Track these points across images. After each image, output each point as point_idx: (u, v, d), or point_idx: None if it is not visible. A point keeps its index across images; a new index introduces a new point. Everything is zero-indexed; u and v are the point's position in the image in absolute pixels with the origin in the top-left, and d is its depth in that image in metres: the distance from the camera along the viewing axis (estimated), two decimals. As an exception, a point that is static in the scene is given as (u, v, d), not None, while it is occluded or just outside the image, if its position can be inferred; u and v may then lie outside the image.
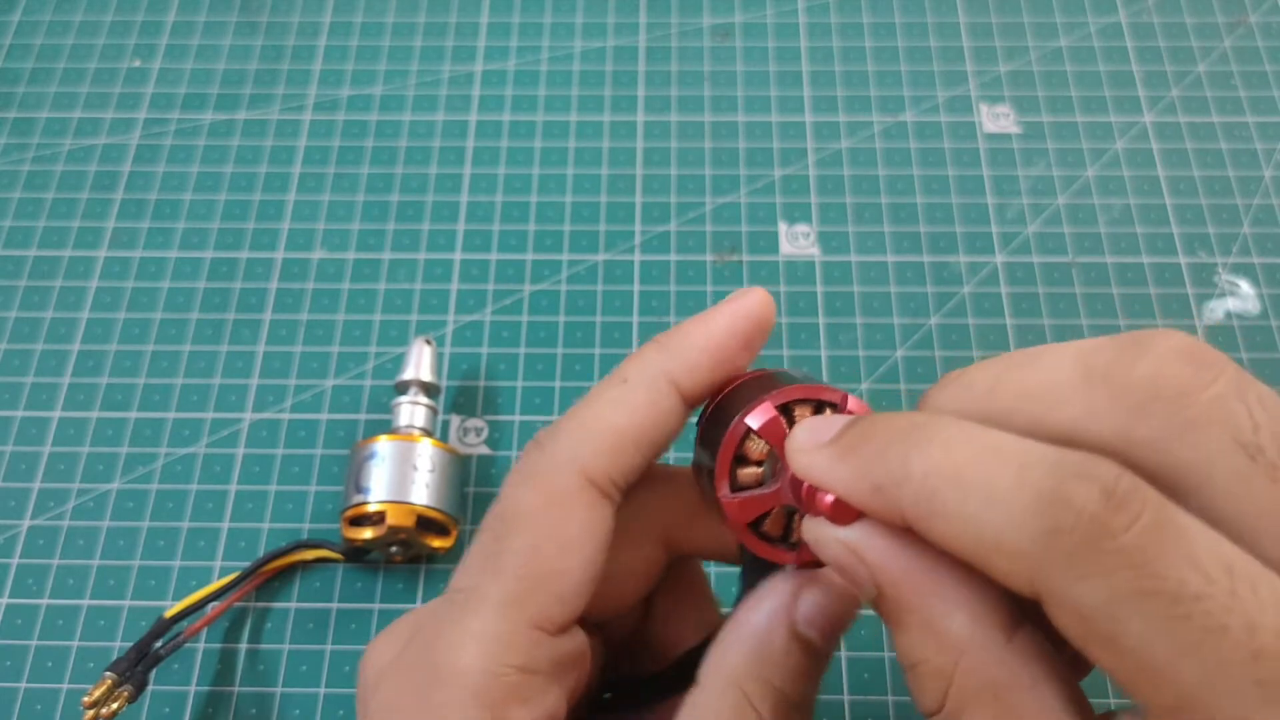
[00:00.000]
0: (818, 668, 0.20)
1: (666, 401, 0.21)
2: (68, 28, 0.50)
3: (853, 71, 0.48)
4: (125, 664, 0.32)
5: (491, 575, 0.20)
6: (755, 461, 0.19)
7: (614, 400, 0.21)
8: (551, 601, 0.20)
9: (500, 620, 0.19)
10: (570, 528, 0.20)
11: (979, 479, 0.15)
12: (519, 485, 0.21)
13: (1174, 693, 0.14)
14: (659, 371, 0.21)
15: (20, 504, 0.38)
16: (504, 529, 0.20)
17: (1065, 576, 0.14)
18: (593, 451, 0.20)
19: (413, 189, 0.45)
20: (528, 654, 0.19)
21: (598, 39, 0.49)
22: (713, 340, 0.21)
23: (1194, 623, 0.13)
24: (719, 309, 0.21)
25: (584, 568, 0.20)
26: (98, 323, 0.42)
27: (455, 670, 0.19)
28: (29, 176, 0.46)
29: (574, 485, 0.20)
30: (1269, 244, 0.43)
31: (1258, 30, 0.49)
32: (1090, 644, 0.14)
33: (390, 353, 0.41)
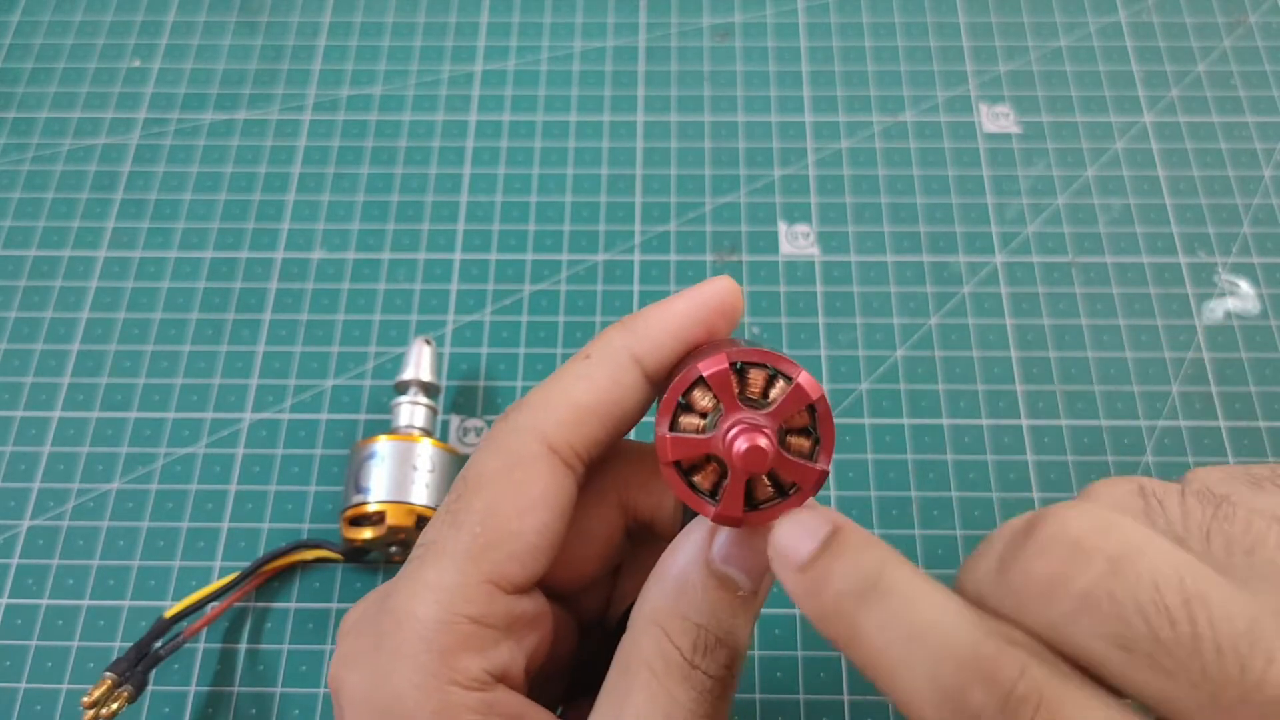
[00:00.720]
0: (742, 604, 0.21)
1: (628, 377, 0.22)
2: (68, 28, 0.50)
3: (852, 71, 0.48)
4: (125, 664, 0.32)
5: (450, 530, 0.21)
6: (700, 412, 0.20)
7: (577, 375, 0.22)
8: (506, 559, 0.20)
9: (455, 572, 0.20)
10: (530, 490, 0.21)
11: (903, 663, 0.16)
12: (483, 450, 0.22)
13: None
14: (620, 348, 0.22)
15: (20, 504, 0.38)
16: (465, 489, 0.21)
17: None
18: (554, 421, 0.21)
19: (413, 189, 0.45)
20: (482, 607, 0.20)
21: (598, 39, 0.49)
22: (674, 322, 0.22)
23: None
24: (683, 293, 0.22)
25: (540, 531, 0.21)
26: (98, 323, 0.42)
27: (409, 616, 0.20)
28: (29, 176, 0.46)
29: (534, 451, 0.21)
30: (1269, 244, 0.43)
31: (1257, 30, 0.49)
32: None
33: (390, 353, 0.41)
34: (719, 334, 0.22)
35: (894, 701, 0.16)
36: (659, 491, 0.24)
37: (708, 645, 0.20)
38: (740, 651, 0.21)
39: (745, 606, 0.21)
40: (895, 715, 0.34)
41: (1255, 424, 0.39)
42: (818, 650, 0.35)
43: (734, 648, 0.20)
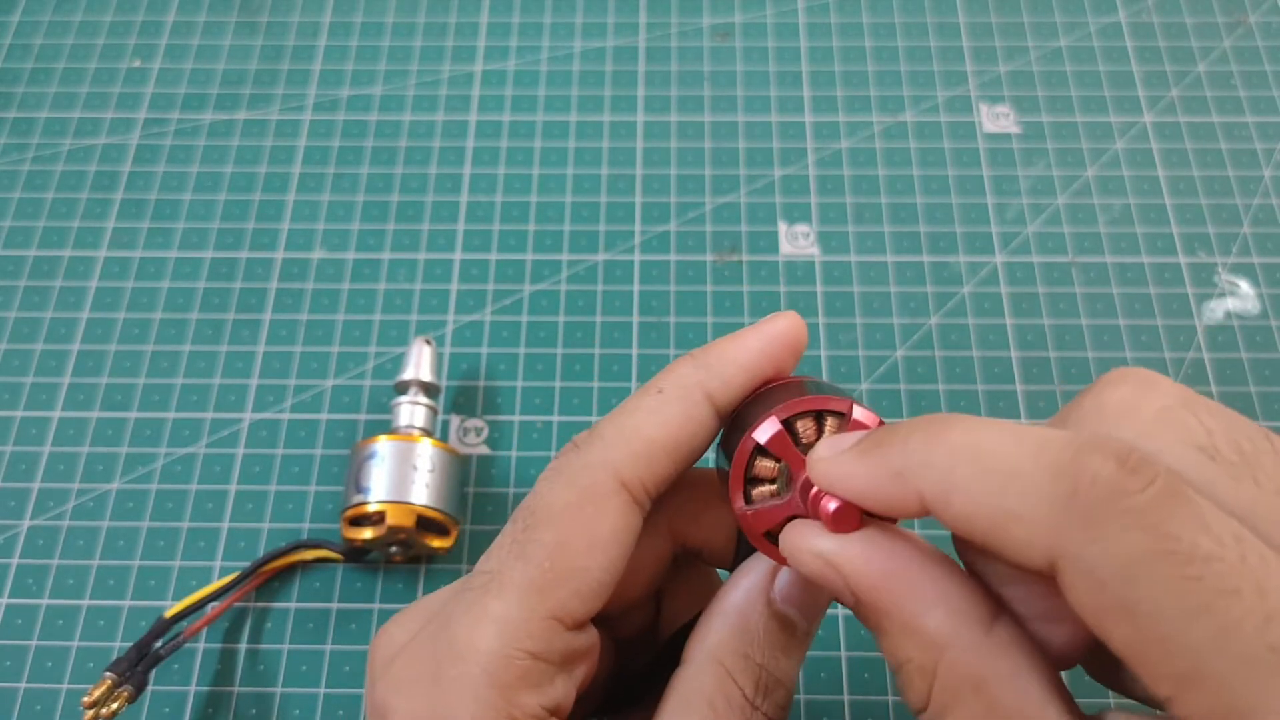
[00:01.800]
0: (798, 644, 0.21)
1: (700, 413, 0.21)
2: (68, 28, 0.50)
3: (852, 71, 0.48)
4: (125, 664, 0.32)
5: (517, 562, 0.20)
6: (768, 478, 0.20)
7: (650, 410, 0.21)
8: (572, 596, 0.20)
9: (520, 606, 0.20)
10: (600, 527, 0.20)
11: (999, 456, 0.16)
12: (553, 481, 0.21)
13: (1186, 660, 0.14)
14: (694, 384, 0.22)
15: (20, 504, 0.38)
16: (534, 520, 0.21)
17: (1082, 539, 0.15)
18: (628, 456, 0.21)
19: (413, 189, 0.45)
20: (543, 642, 0.20)
21: (598, 39, 0.49)
22: (746, 357, 0.22)
23: (1206, 584, 0.14)
24: (754, 329, 0.22)
25: (607, 568, 0.21)
26: (98, 323, 0.42)
27: (470, 648, 0.19)
28: (29, 176, 0.46)
29: (608, 487, 0.21)
30: (1269, 244, 0.43)
31: (1257, 30, 0.49)
32: (1103, 614, 0.15)
33: (390, 353, 0.41)
34: (785, 370, 0.22)
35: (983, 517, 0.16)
36: (710, 524, 0.24)
37: (768, 686, 0.20)
38: (792, 694, 0.21)
39: (800, 647, 0.21)
40: (895, 715, 0.34)
41: (1255, 424, 0.39)
42: (818, 650, 0.35)
43: (789, 689, 0.20)
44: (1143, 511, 0.14)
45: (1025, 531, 0.15)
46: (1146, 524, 0.14)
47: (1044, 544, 0.15)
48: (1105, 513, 0.15)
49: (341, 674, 0.35)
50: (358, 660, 0.35)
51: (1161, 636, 0.14)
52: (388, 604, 0.36)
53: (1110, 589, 0.14)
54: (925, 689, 0.17)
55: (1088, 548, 0.15)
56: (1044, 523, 0.15)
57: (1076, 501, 0.15)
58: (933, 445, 0.17)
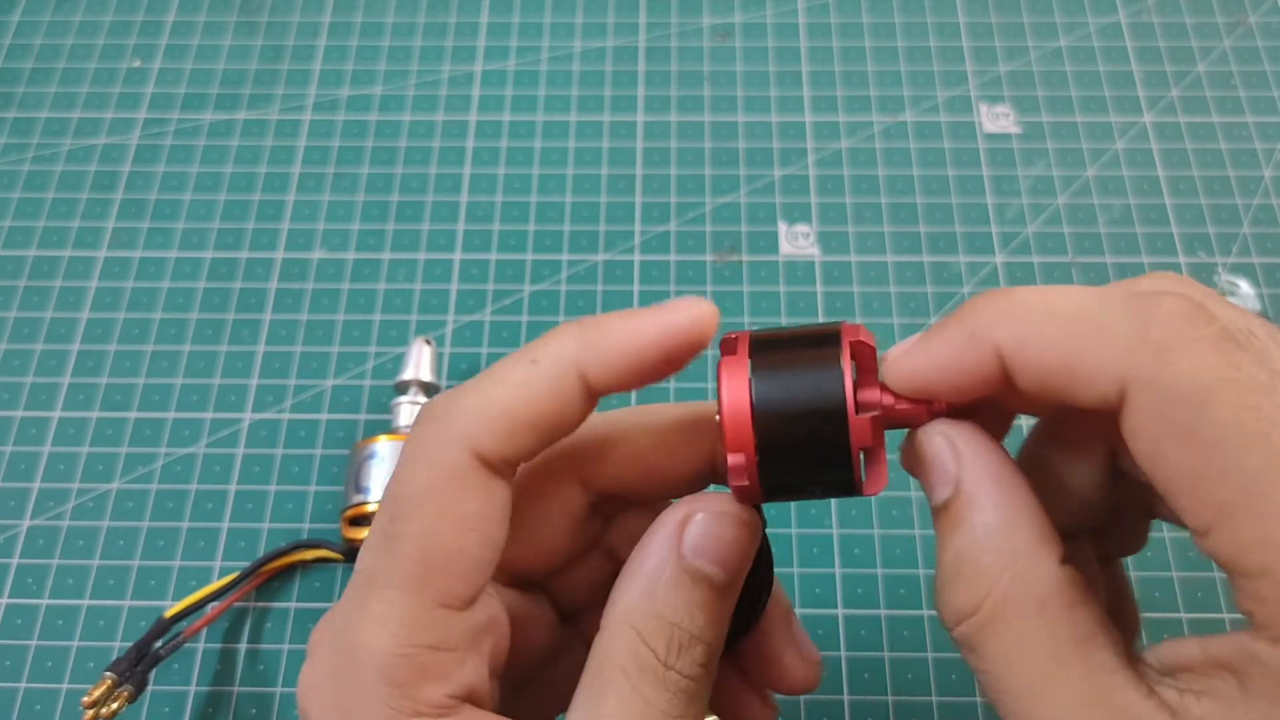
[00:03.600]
0: (717, 597, 0.20)
1: (571, 393, 0.20)
2: (68, 28, 0.50)
3: (852, 71, 0.48)
4: (125, 664, 0.32)
5: (390, 557, 0.20)
6: None
7: (518, 383, 0.20)
8: (453, 580, 0.20)
9: (404, 603, 0.19)
10: (465, 507, 0.20)
11: (1070, 301, 0.17)
12: (413, 463, 0.20)
13: (1235, 485, 0.15)
14: (570, 360, 0.20)
15: (20, 504, 0.38)
16: (399, 509, 0.20)
17: (1154, 363, 0.16)
18: (487, 432, 0.20)
19: (413, 189, 0.45)
20: (437, 633, 0.19)
21: (598, 39, 0.49)
22: (636, 345, 0.20)
23: (1263, 414, 0.15)
24: (652, 313, 0.20)
25: (482, 544, 0.20)
26: (98, 323, 0.42)
27: (364, 651, 0.19)
28: (29, 176, 0.46)
29: (466, 465, 0.20)
30: (1269, 244, 0.43)
31: (1257, 30, 0.49)
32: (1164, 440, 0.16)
33: (390, 353, 0.41)
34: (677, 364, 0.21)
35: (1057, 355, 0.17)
36: (619, 462, 0.23)
37: (682, 644, 0.20)
38: (716, 647, 0.20)
39: (720, 599, 0.20)
40: (895, 715, 0.34)
41: (1255, 424, 0.39)
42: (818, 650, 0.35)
43: (709, 644, 0.20)
44: (1211, 341, 0.16)
45: (1099, 361, 0.17)
46: (1214, 357, 0.16)
47: (1116, 370, 0.16)
48: (1176, 346, 0.16)
49: (341, 674, 0.35)
50: (358, 660, 0.35)
51: (1215, 462, 0.15)
52: (388, 604, 0.36)
53: (1176, 412, 0.16)
54: (979, 594, 0.18)
55: (1160, 371, 0.16)
56: (1117, 351, 0.16)
57: (1149, 330, 0.16)
58: (1004, 303, 0.18)
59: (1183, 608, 0.36)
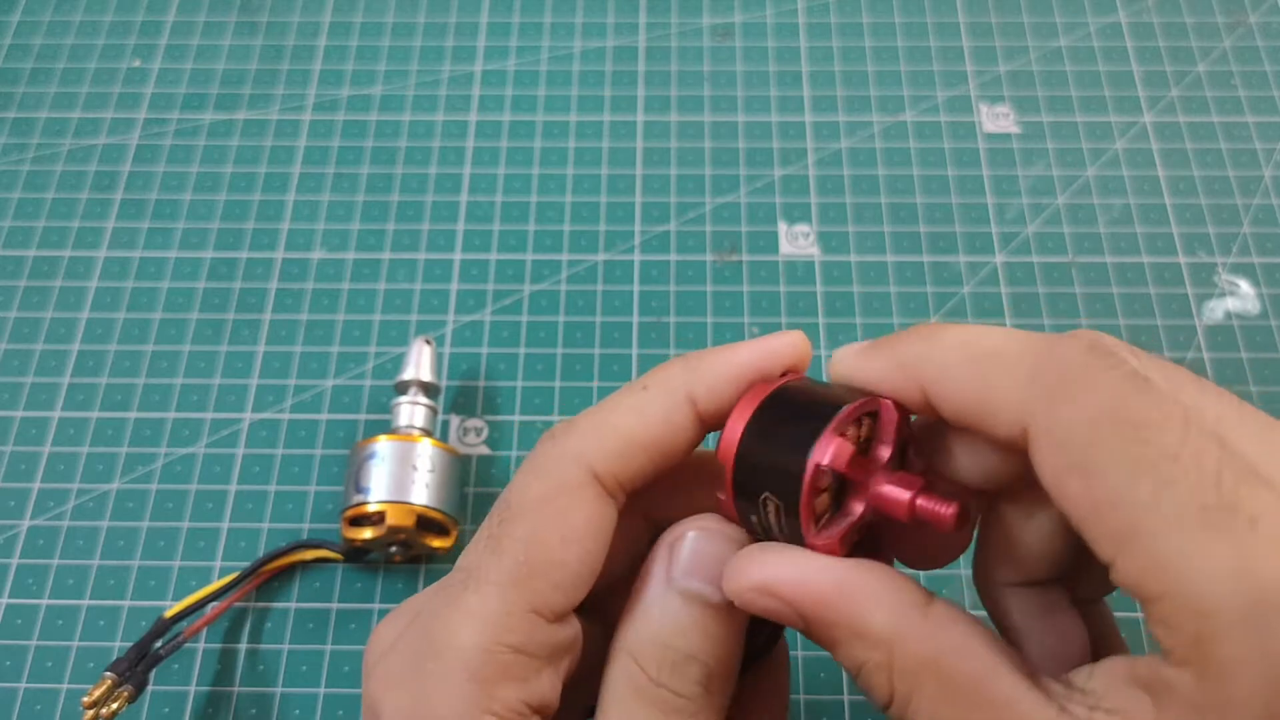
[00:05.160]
0: (714, 615, 0.20)
1: (681, 416, 0.21)
2: (68, 28, 0.50)
3: (852, 71, 0.48)
4: (125, 664, 0.32)
5: (493, 557, 0.20)
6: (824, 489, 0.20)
7: (630, 406, 0.21)
8: (549, 588, 0.20)
9: (499, 601, 0.20)
10: (573, 520, 0.20)
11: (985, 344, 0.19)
12: (527, 474, 0.21)
13: (1128, 516, 0.16)
14: (679, 385, 0.21)
15: (20, 504, 0.38)
16: (509, 514, 0.21)
17: (1048, 405, 0.17)
18: (602, 451, 0.21)
19: (413, 189, 0.45)
20: (524, 636, 0.20)
21: (598, 39, 0.49)
22: (737, 369, 0.21)
23: (1151, 448, 0.16)
24: (752, 342, 0.22)
25: (583, 559, 0.21)
26: (98, 323, 0.42)
27: (451, 645, 0.19)
28: (29, 176, 0.46)
29: (580, 479, 0.21)
30: (1269, 244, 0.43)
31: (1257, 30, 0.49)
32: (1062, 473, 0.17)
33: (390, 353, 0.41)
34: None
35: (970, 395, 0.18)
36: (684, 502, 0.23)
37: (674, 663, 0.20)
38: (718, 666, 0.20)
39: (717, 617, 0.20)
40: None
41: (1255, 424, 0.39)
42: (818, 650, 0.35)
43: (706, 663, 0.20)
44: (1104, 386, 0.17)
45: (1001, 401, 0.18)
46: (1107, 396, 0.16)
47: (1016, 411, 0.17)
48: (1071, 383, 0.17)
49: (341, 674, 0.35)
50: (358, 660, 0.35)
51: (1109, 493, 0.16)
52: (388, 604, 0.36)
53: (1070, 449, 0.17)
54: (886, 683, 0.18)
55: (1053, 411, 0.17)
56: (1017, 393, 0.18)
57: (1047, 374, 0.17)
58: (931, 341, 0.19)
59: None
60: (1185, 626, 0.15)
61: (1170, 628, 0.15)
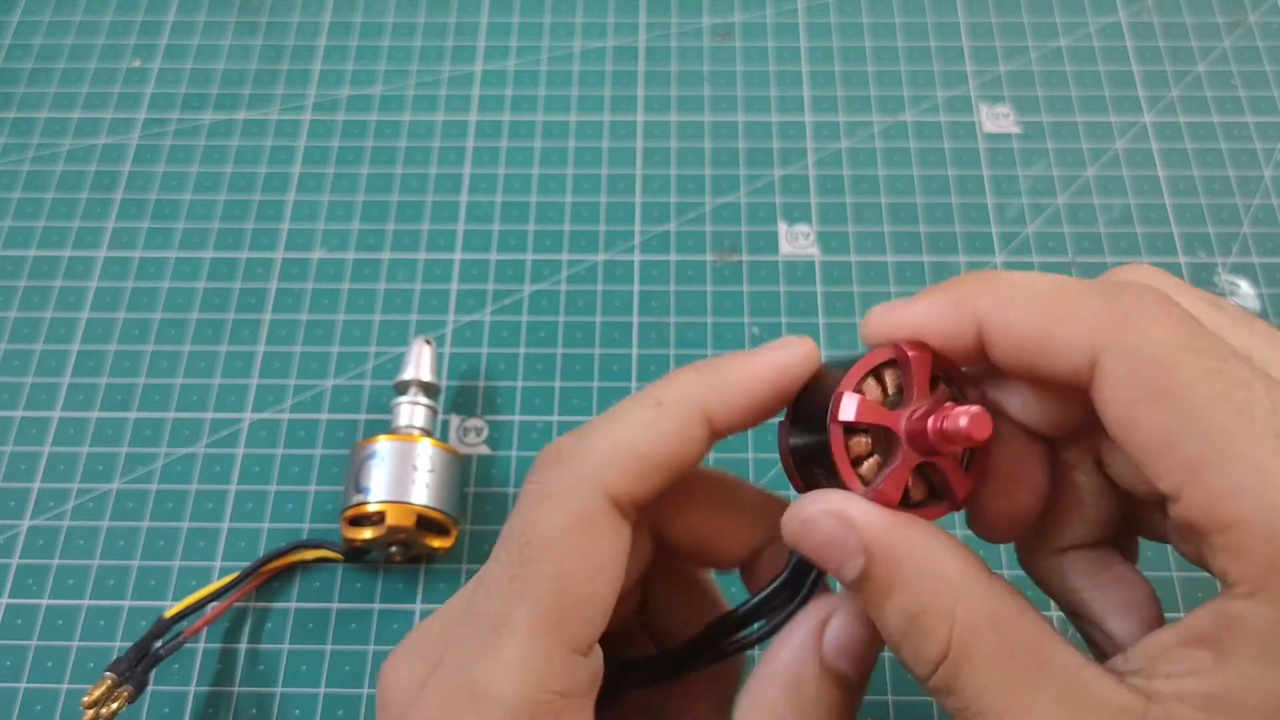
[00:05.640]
0: (850, 699, 0.20)
1: (696, 432, 0.21)
2: (68, 28, 0.50)
3: (852, 71, 0.48)
4: (125, 664, 0.32)
5: (522, 600, 0.20)
6: (865, 454, 0.20)
7: (645, 424, 0.21)
8: (584, 625, 0.20)
9: (537, 648, 0.19)
10: (598, 552, 0.20)
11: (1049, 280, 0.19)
12: (543, 502, 0.20)
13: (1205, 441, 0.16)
14: (694, 401, 0.21)
15: (20, 504, 0.38)
16: (531, 552, 0.20)
17: (1129, 331, 0.17)
18: (618, 474, 0.20)
19: (412, 189, 0.45)
20: (568, 679, 0.19)
21: (598, 39, 0.49)
22: (755, 384, 0.21)
23: (1226, 375, 0.16)
24: (763, 353, 0.21)
25: (611, 588, 0.20)
26: (98, 323, 0.42)
27: (496, 699, 0.19)
28: (29, 176, 0.46)
29: (600, 508, 0.20)
30: (1269, 244, 0.43)
31: (1257, 30, 0.49)
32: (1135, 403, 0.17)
33: (390, 353, 0.41)
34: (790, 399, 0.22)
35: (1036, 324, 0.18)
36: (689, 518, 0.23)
37: None
38: None
39: (851, 702, 0.20)
40: (895, 715, 0.34)
41: (1255, 424, 0.39)
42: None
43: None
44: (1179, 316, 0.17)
45: (1072, 329, 0.17)
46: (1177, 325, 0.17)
47: (1089, 336, 0.17)
48: (1146, 311, 0.17)
49: (341, 674, 0.35)
50: (358, 660, 0.35)
51: (1186, 417, 0.16)
52: (388, 604, 0.36)
53: (1145, 373, 0.16)
54: (945, 632, 0.17)
55: (1129, 335, 0.17)
56: (1090, 320, 0.17)
57: (1120, 302, 0.17)
58: (988, 277, 0.19)
59: (1182, 607, 0.36)
60: (1260, 552, 0.15)
61: (1242, 556, 0.15)
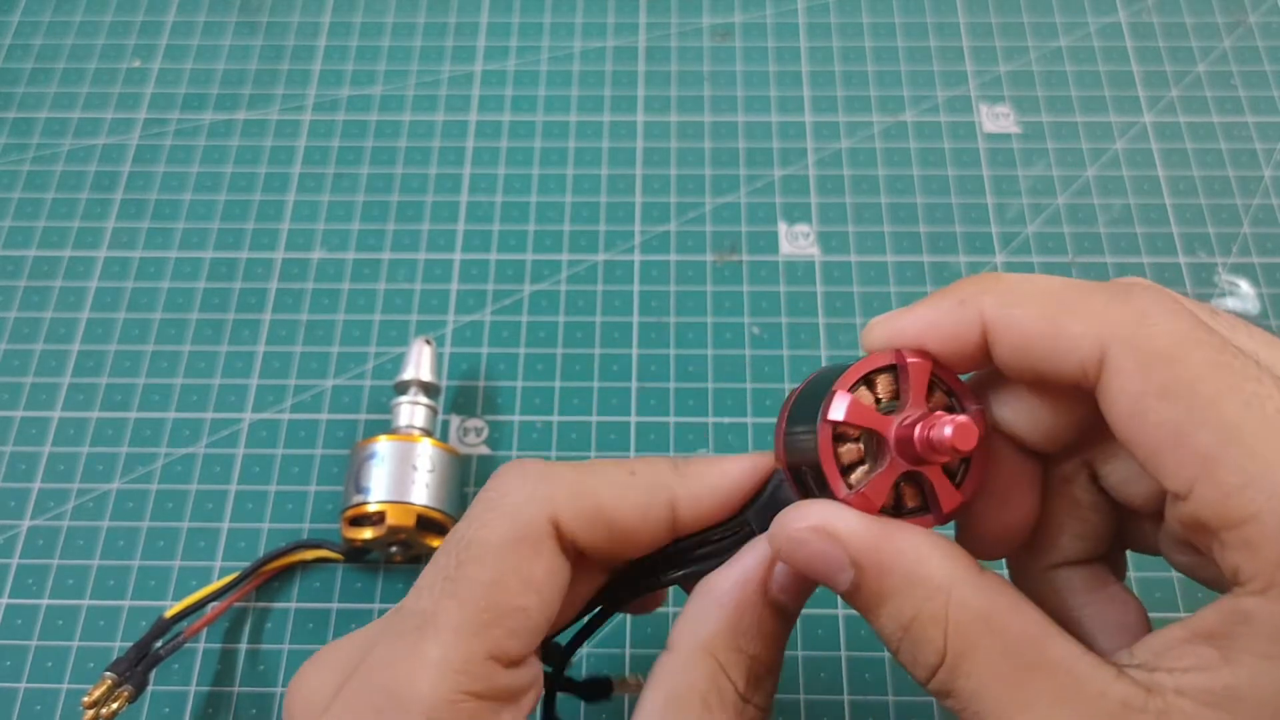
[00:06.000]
0: (786, 633, 0.21)
1: (656, 512, 0.21)
2: (68, 28, 0.50)
3: (853, 71, 0.48)
4: (125, 664, 0.32)
5: (450, 601, 0.20)
6: (856, 460, 0.20)
7: (615, 482, 0.21)
8: (508, 636, 0.20)
9: (459, 649, 0.19)
10: (536, 571, 0.20)
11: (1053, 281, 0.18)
12: (491, 511, 0.21)
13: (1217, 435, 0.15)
14: (664, 485, 0.21)
15: (20, 504, 0.38)
16: (469, 555, 0.20)
17: (1138, 327, 0.17)
18: (573, 512, 0.21)
19: (413, 189, 0.45)
20: (484, 682, 0.19)
21: (598, 39, 0.49)
22: (723, 483, 0.22)
23: (1235, 369, 0.16)
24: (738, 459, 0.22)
25: (542, 608, 0.20)
26: (98, 323, 0.42)
27: (412, 695, 0.19)
28: (29, 176, 0.46)
29: (545, 532, 0.20)
30: (1269, 244, 0.43)
31: (1257, 30, 0.49)
32: (1144, 397, 0.16)
33: (390, 353, 0.41)
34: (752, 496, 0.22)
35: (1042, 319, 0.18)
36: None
37: (759, 676, 0.20)
38: (778, 682, 0.21)
39: (787, 633, 0.21)
40: (895, 715, 0.34)
41: (1255, 424, 0.39)
42: (818, 650, 0.35)
43: (776, 678, 0.20)
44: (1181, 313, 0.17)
45: (1080, 325, 0.17)
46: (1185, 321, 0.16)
47: (1097, 333, 0.17)
48: (1155, 307, 0.17)
49: (341, 674, 0.35)
50: (358, 660, 0.35)
51: (1196, 411, 0.16)
52: (388, 604, 0.36)
53: (1155, 368, 0.16)
54: (940, 637, 0.17)
55: (1138, 332, 0.17)
56: (1098, 316, 0.17)
57: (1128, 298, 0.17)
58: (993, 278, 0.19)
59: (1182, 607, 0.36)
60: (1273, 547, 0.15)
61: (1255, 551, 0.15)
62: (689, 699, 0.19)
